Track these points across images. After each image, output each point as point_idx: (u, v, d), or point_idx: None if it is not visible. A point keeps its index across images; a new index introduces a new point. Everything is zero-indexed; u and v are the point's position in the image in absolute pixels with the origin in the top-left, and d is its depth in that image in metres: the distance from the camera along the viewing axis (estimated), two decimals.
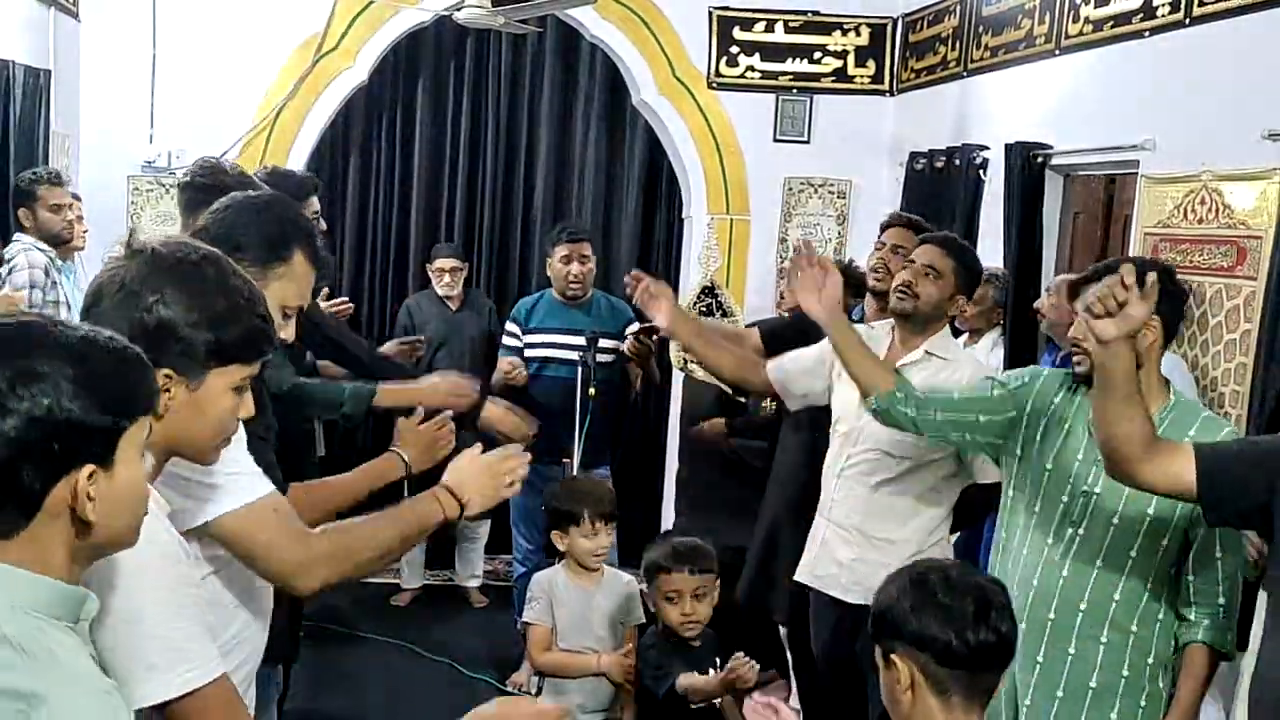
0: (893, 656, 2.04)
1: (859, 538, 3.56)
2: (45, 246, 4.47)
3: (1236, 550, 2.68)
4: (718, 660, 3.21)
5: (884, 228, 4.22)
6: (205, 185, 2.99)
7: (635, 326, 5.20)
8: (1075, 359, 2.81)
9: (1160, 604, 2.74)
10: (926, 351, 3.49)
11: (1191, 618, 2.70)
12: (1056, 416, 2.88)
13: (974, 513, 3.65)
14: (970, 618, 1.99)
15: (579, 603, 3.58)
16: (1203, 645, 2.68)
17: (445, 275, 6.09)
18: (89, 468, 1.34)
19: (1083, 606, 2.77)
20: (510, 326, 5.34)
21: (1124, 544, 2.72)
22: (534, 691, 3.64)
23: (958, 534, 4.29)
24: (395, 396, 3.44)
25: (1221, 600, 2.67)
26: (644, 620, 3.64)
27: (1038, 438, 2.89)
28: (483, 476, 2.36)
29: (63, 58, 5.33)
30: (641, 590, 3.66)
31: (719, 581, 3.36)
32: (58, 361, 1.32)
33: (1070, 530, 2.80)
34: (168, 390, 1.69)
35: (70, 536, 1.36)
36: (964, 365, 3.50)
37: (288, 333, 2.20)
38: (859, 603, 3.51)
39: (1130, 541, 2.72)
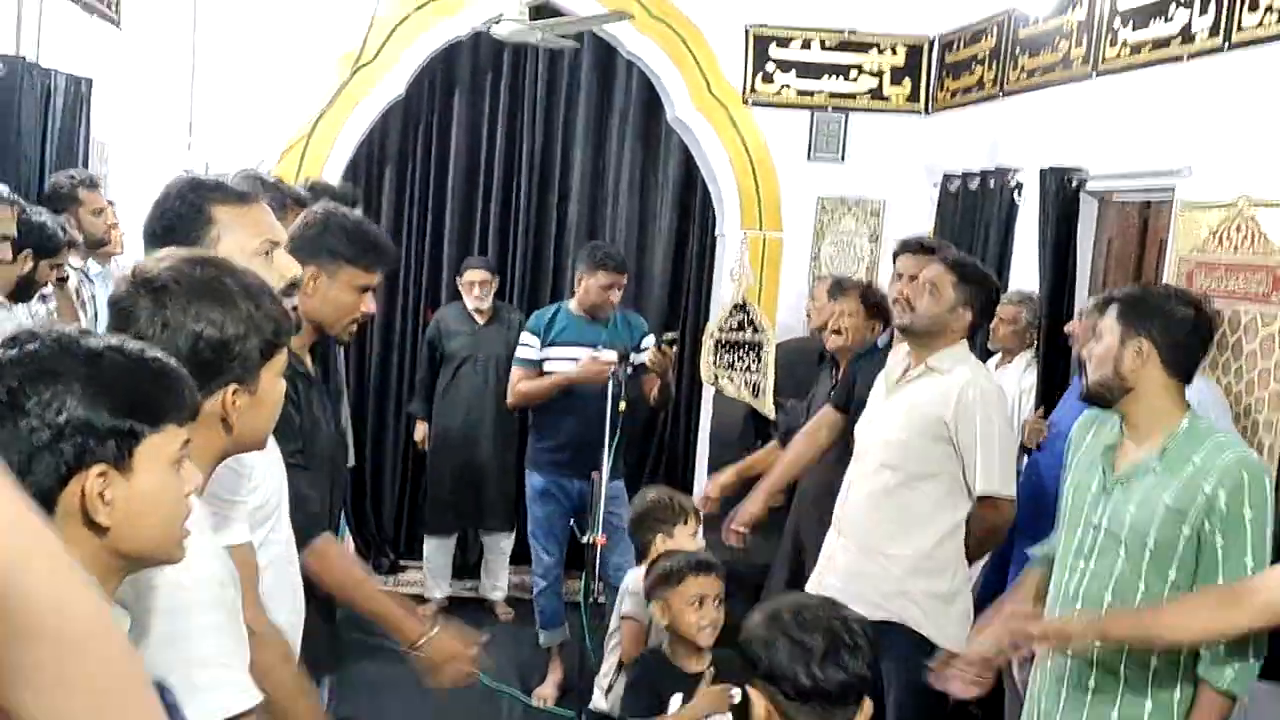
0: (749, 688, 2.11)
1: (860, 551, 3.62)
2: (78, 261, 4.50)
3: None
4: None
5: (895, 255, 4.25)
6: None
7: (651, 339, 5.26)
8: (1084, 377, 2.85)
9: None
10: (927, 365, 3.56)
11: (1200, 652, 2.64)
12: (1082, 449, 2.94)
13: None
14: (819, 655, 2.05)
15: None
16: (1205, 681, 2.62)
17: (475, 288, 6.11)
18: (99, 467, 1.34)
19: (1096, 641, 2.73)
20: (528, 338, 5.35)
21: (1131, 577, 2.70)
22: (606, 687, 3.64)
23: (983, 559, 4.27)
24: None
25: (1251, 657, 2.59)
26: None
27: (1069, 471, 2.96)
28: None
29: (104, 66, 5.39)
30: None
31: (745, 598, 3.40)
32: (73, 363, 1.34)
33: (1081, 563, 2.80)
34: (235, 404, 1.73)
35: (92, 543, 1.36)
36: (956, 378, 3.50)
37: (282, 270, 2.19)
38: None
39: (1137, 574, 2.69)
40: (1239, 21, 3.80)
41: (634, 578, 3.70)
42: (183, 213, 2.16)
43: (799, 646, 2.05)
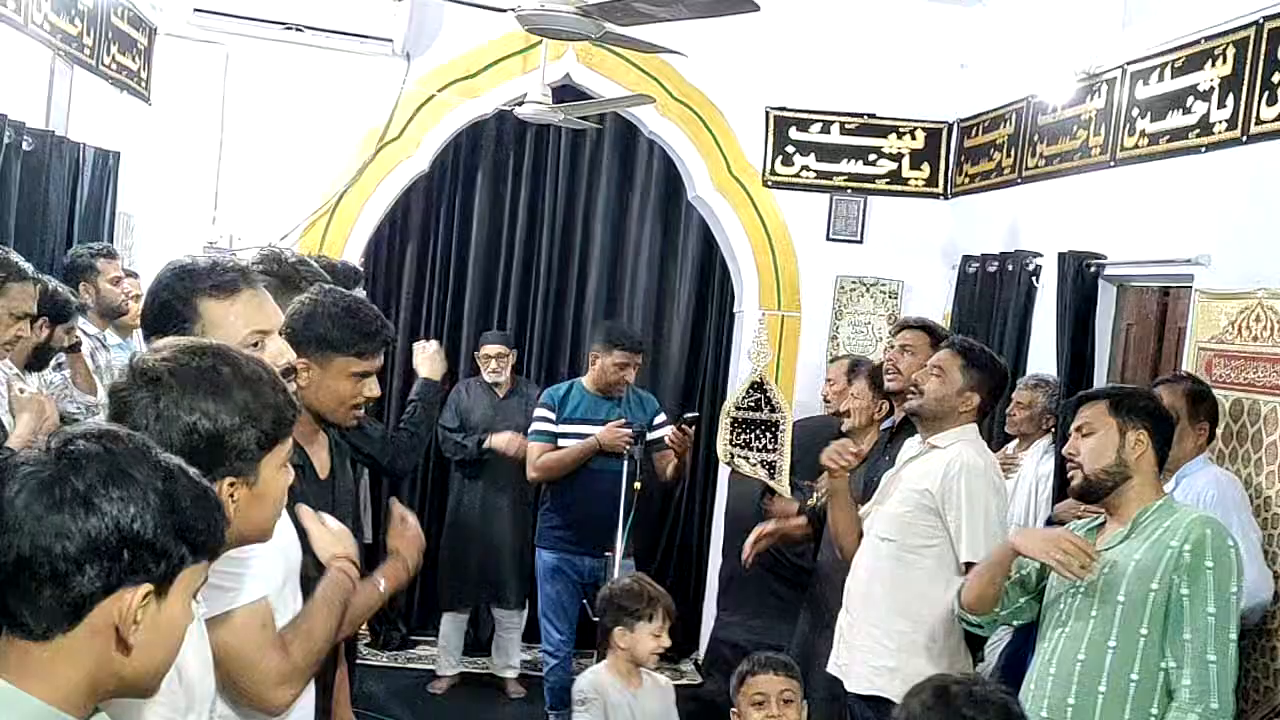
0: None
1: (860, 622, 3.67)
2: (93, 329, 4.55)
3: (1224, 644, 2.71)
4: None
5: (895, 330, 4.35)
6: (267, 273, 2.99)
7: (663, 417, 5.26)
8: (1069, 473, 3.01)
9: (1152, 699, 2.79)
10: (930, 444, 3.65)
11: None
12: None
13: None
14: None
15: (628, 706, 3.55)
16: None
17: (491, 361, 6.14)
18: (147, 587, 1.30)
19: (1070, 702, 2.86)
20: (544, 412, 5.35)
21: (1103, 635, 2.83)
22: None
23: (997, 644, 4.23)
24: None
25: (1215, 704, 2.69)
26: None
27: None
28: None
29: (132, 140, 5.47)
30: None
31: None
32: (151, 474, 1.31)
33: (1058, 631, 2.95)
34: (233, 497, 1.70)
35: (103, 659, 1.31)
36: (948, 452, 3.58)
37: (273, 358, 2.13)
38: (855, 691, 3.65)
39: (1108, 632, 2.82)
40: (1257, 114, 3.82)
41: (577, 686, 3.61)
42: (171, 304, 2.13)
43: None
